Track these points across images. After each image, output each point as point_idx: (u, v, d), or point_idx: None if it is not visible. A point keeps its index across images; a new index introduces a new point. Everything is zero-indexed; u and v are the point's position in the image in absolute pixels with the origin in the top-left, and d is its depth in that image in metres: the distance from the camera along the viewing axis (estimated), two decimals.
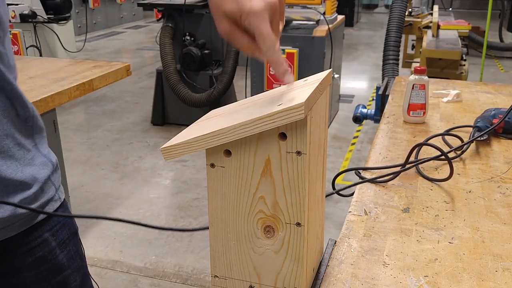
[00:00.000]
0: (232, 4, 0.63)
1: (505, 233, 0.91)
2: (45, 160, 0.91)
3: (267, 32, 0.63)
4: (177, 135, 0.71)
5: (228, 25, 0.65)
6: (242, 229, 0.69)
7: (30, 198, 0.86)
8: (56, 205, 0.93)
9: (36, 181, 0.87)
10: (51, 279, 0.93)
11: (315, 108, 0.67)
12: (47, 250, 0.91)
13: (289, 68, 0.65)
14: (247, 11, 0.62)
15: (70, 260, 0.96)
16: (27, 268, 0.89)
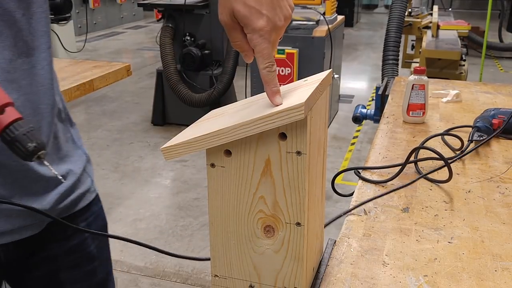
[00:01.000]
0: (243, 9, 0.63)
1: (504, 233, 0.92)
2: (80, 152, 0.95)
3: (268, 52, 0.64)
4: (177, 135, 0.71)
5: (230, 20, 0.65)
6: (242, 229, 0.69)
7: (68, 190, 0.89)
8: (92, 196, 0.97)
9: (73, 173, 0.91)
10: (82, 267, 0.97)
11: (315, 108, 0.67)
12: (81, 239, 0.96)
13: (280, 90, 0.66)
14: (253, 28, 0.63)
15: (100, 251, 1.01)
16: (62, 255, 0.93)
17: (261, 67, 0.65)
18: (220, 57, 4.35)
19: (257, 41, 0.64)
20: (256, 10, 0.62)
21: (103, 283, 1.03)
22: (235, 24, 0.65)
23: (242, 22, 0.64)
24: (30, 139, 0.67)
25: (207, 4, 4.25)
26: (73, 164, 0.91)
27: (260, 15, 0.63)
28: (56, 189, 0.87)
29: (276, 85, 0.66)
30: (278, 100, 0.64)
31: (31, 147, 0.67)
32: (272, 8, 0.63)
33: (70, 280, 0.96)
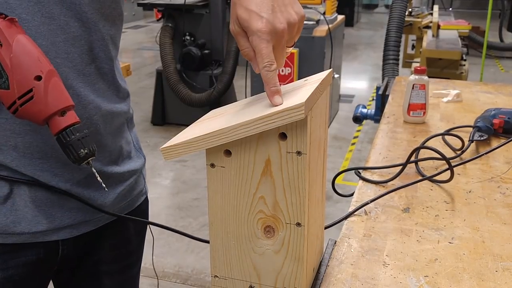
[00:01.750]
0: (244, 14, 0.66)
1: (505, 233, 0.91)
2: (139, 153, 0.99)
3: (266, 52, 0.65)
4: (177, 135, 0.71)
5: (238, 27, 0.68)
6: (242, 229, 0.69)
7: (127, 189, 0.94)
8: (143, 198, 1.02)
9: (133, 174, 0.95)
10: (122, 261, 1.02)
11: (315, 108, 0.67)
12: (126, 236, 1.01)
13: (280, 90, 0.66)
14: (253, 29, 0.65)
15: (138, 247, 1.06)
16: (106, 249, 0.98)
17: (260, 66, 0.66)
18: (220, 57, 4.35)
19: (256, 41, 0.65)
20: (256, 13, 0.65)
21: (135, 277, 1.08)
22: (242, 31, 0.67)
23: (243, 26, 0.66)
24: (83, 145, 0.70)
25: (207, 4, 4.25)
26: (133, 164, 0.95)
27: (259, 17, 0.65)
28: (117, 187, 0.91)
29: (276, 85, 0.66)
30: (278, 100, 0.64)
31: (83, 154, 0.70)
32: (272, 11, 0.65)
33: (109, 273, 1.00)
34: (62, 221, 0.85)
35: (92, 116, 0.82)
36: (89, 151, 0.70)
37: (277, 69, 0.67)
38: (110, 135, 0.88)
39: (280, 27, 0.66)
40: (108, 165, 0.88)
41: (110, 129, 0.87)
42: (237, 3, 0.67)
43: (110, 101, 0.86)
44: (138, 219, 0.97)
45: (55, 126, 0.69)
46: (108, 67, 0.84)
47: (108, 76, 0.85)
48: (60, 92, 0.70)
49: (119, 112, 0.89)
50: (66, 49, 0.76)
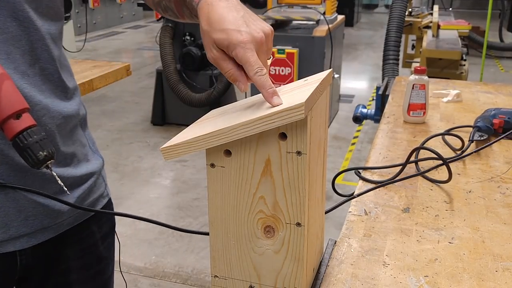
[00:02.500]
0: (222, 35, 0.69)
1: (505, 233, 0.91)
2: (96, 155, 0.97)
3: (254, 59, 0.67)
4: (177, 135, 0.71)
5: (216, 52, 0.70)
6: (242, 229, 0.69)
7: (85, 193, 0.91)
8: (105, 201, 1.00)
9: (90, 176, 0.93)
10: (91, 268, 0.99)
11: (315, 108, 0.67)
12: (92, 242, 0.98)
13: (276, 90, 0.66)
14: (235, 42, 0.67)
15: (108, 251, 1.03)
16: (73, 257, 0.95)
17: (251, 74, 0.67)
18: None
19: (241, 53, 0.67)
20: (233, 29, 0.68)
21: (108, 281, 1.06)
22: (222, 55, 0.70)
23: (224, 46, 0.69)
24: (42, 147, 0.68)
25: None
26: (91, 166, 0.93)
27: (238, 31, 0.68)
28: (75, 191, 0.89)
29: (271, 86, 0.66)
30: (277, 101, 0.64)
31: (42, 156, 0.68)
32: (246, 25, 0.69)
33: (80, 282, 0.98)
34: (18, 230, 0.81)
35: (41, 117, 0.79)
36: (48, 153, 0.68)
37: (267, 74, 0.68)
38: (63, 137, 0.85)
39: (259, 36, 0.69)
40: (63, 168, 0.85)
41: (63, 131, 0.84)
42: (209, 30, 0.70)
43: (59, 102, 0.83)
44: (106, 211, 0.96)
45: (10, 130, 0.67)
46: (52, 68, 0.81)
47: (54, 77, 0.82)
48: (14, 95, 0.68)
49: (70, 113, 0.85)
50: (7, 49, 0.74)
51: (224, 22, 0.69)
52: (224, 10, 0.71)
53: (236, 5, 0.73)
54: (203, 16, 0.73)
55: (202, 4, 0.74)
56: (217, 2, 0.72)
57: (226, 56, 0.70)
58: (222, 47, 0.69)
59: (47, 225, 0.85)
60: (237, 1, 0.74)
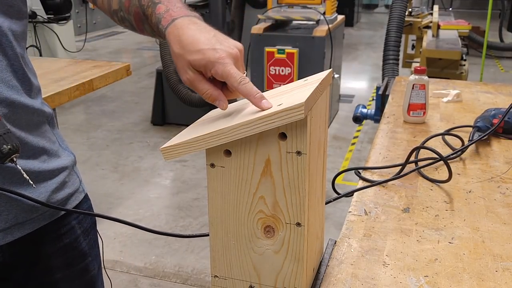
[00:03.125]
0: (197, 55, 0.70)
1: (505, 233, 0.91)
2: (67, 152, 0.96)
3: (235, 71, 0.69)
4: (177, 135, 0.71)
5: (193, 74, 0.71)
6: (242, 229, 0.69)
7: (58, 187, 0.90)
8: (81, 196, 0.98)
9: (62, 171, 0.92)
10: (75, 265, 0.98)
11: (315, 108, 0.67)
12: (73, 238, 0.96)
13: (263, 95, 0.68)
14: (213, 60, 0.69)
15: (91, 248, 1.01)
16: (55, 254, 0.94)
17: (235, 85, 0.69)
18: None
19: (221, 68, 0.69)
20: (208, 49, 0.70)
21: (95, 279, 1.04)
22: (198, 76, 0.71)
23: (202, 66, 0.70)
24: (6, 141, 0.67)
25: (207, 4, 4.25)
26: (62, 162, 0.92)
27: (214, 49, 0.70)
28: (46, 184, 0.87)
29: (258, 92, 0.67)
30: (267, 104, 0.65)
31: (6, 150, 0.67)
32: (220, 43, 0.71)
33: (65, 279, 0.97)
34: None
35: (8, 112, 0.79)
36: (13, 147, 0.68)
37: (250, 82, 0.70)
38: (31, 131, 0.84)
39: (233, 51, 0.71)
40: (33, 161, 0.85)
41: (30, 125, 0.84)
42: (183, 53, 0.71)
43: (25, 97, 0.83)
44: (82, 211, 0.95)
45: None
46: (17, 64, 0.81)
47: (19, 74, 0.82)
48: None
49: (36, 109, 0.85)
50: None
51: (198, 43, 0.70)
52: (196, 32, 0.72)
53: (205, 26, 0.75)
54: (173, 40, 0.74)
55: (171, 28, 0.75)
56: (187, 25, 0.74)
57: (202, 77, 0.72)
58: (199, 68, 0.71)
59: (22, 220, 0.84)
60: (205, 23, 0.76)
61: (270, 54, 3.89)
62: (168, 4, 0.79)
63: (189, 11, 0.78)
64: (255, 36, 3.99)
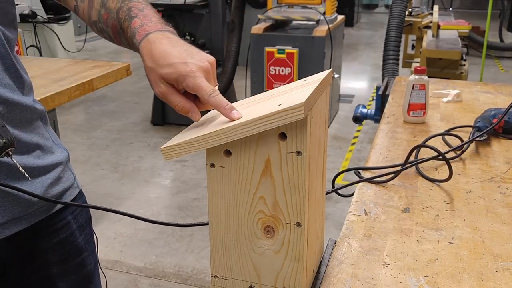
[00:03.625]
0: (169, 69, 0.72)
1: (505, 233, 0.91)
2: (61, 148, 0.97)
3: (205, 84, 0.71)
4: (177, 135, 0.71)
5: (165, 87, 0.73)
6: (242, 229, 0.69)
7: (53, 182, 0.91)
8: (76, 192, 0.99)
9: (56, 166, 0.92)
10: (71, 260, 0.98)
11: (315, 108, 0.67)
12: (69, 232, 0.97)
13: (233, 106, 0.69)
14: (183, 74, 0.71)
15: (87, 243, 1.02)
16: (51, 249, 0.94)
17: (205, 98, 0.70)
18: (220, 57, 4.35)
19: (192, 81, 0.71)
20: (180, 62, 0.72)
21: (92, 274, 1.05)
22: (170, 89, 0.74)
23: (173, 79, 0.72)
24: (1, 135, 0.68)
25: (207, 4, 4.25)
26: (56, 157, 0.93)
27: (185, 63, 0.72)
28: (42, 179, 0.88)
29: (227, 103, 0.69)
30: (237, 115, 0.67)
31: (1, 143, 0.68)
32: (191, 57, 0.73)
33: (61, 274, 0.97)
34: None
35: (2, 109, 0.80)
36: (8, 140, 0.68)
37: (220, 94, 0.71)
38: (24, 127, 0.85)
39: (204, 64, 0.73)
40: (27, 157, 0.86)
41: (23, 122, 0.85)
42: (155, 66, 0.73)
43: (18, 95, 0.84)
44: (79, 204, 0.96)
45: None
46: (9, 62, 0.83)
47: (11, 71, 0.83)
48: None
49: (28, 106, 0.86)
50: None
51: (169, 57, 0.73)
52: (167, 46, 0.74)
53: (178, 40, 0.77)
54: (146, 54, 0.76)
55: (144, 43, 0.77)
56: (159, 40, 0.76)
57: (175, 90, 0.74)
58: (171, 81, 0.73)
59: (19, 215, 0.85)
60: (177, 37, 0.78)
61: (270, 54, 3.89)
62: (143, 18, 0.81)
63: (163, 26, 0.80)
64: (255, 36, 3.99)
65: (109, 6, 0.86)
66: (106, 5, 0.87)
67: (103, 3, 0.88)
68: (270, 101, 0.68)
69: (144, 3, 0.86)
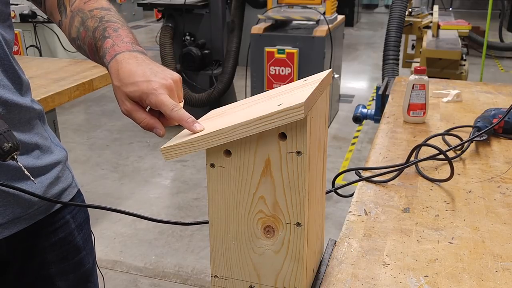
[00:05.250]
0: (133, 87, 0.75)
1: (505, 233, 0.91)
2: (59, 148, 0.97)
3: (167, 99, 0.73)
4: (177, 135, 0.71)
5: (130, 104, 0.76)
6: (242, 229, 0.69)
7: (53, 181, 0.92)
8: (74, 191, 1.00)
9: (55, 166, 0.93)
10: (70, 259, 0.99)
11: (315, 108, 0.67)
12: (68, 232, 0.98)
13: (195, 119, 0.71)
14: (146, 91, 0.74)
15: (85, 242, 1.03)
16: (50, 248, 0.95)
17: (168, 113, 0.73)
18: (220, 57, 4.34)
19: (154, 98, 0.73)
20: (143, 81, 0.75)
21: (90, 272, 1.06)
22: (135, 106, 0.76)
23: (137, 97, 0.75)
24: (6, 139, 0.69)
25: (207, 4, 4.25)
26: (55, 157, 0.94)
27: (148, 81, 0.75)
28: (41, 179, 0.89)
29: (190, 117, 0.72)
30: (199, 127, 0.69)
31: (7, 147, 0.69)
32: (154, 75, 0.76)
33: (59, 273, 0.98)
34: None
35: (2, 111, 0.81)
36: (13, 144, 0.69)
37: (182, 109, 0.74)
38: (23, 128, 0.86)
39: (167, 82, 0.76)
40: (26, 157, 0.87)
41: (22, 122, 0.86)
42: (121, 85, 0.76)
43: (17, 96, 0.85)
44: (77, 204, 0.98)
45: None
46: (8, 63, 0.84)
47: (9, 73, 0.84)
48: None
49: (27, 106, 0.87)
50: None
51: (134, 76, 0.76)
52: (133, 66, 0.77)
53: (144, 60, 0.80)
54: (113, 73, 0.79)
55: (113, 63, 0.80)
56: (126, 60, 0.79)
57: (139, 107, 0.76)
58: (135, 99, 0.75)
59: (19, 215, 0.86)
60: (145, 57, 0.81)
61: (270, 54, 3.89)
62: (116, 39, 0.84)
63: (133, 46, 0.83)
64: (255, 36, 3.99)
65: (87, 25, 0.89)
66: (85, 23, 0.90)
67: (83, 21, 0.90)
68: (270, 101, 0.68)
69: (120, 23, 0.89)
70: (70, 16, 0.93)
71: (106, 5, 0.92)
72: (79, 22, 0.91)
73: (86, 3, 0.92)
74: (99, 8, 0.91)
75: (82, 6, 0.92)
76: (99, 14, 0.89)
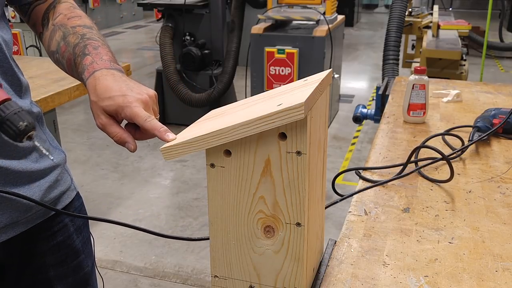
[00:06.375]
0: (109, 101, 0.78)
1: (505, 233, 0.91)
2: (58, 150, 0.97)
3: (141, 111, 0.76)
4: (177, 135, 0.71)
5: (105, 118, 0.78)
6: (242, 229, 0.69)
7: (52, 184, 0.92)
8: (73, 194, 1.00)
9: (53, 169, 0.93)
10: (69, 263, 0.99)
11: (315, 108, 0.67)
12: (67, 235, 0.98)
13: (167, 129, 0.73)
14: (122, 105, 0.76)
15: (84, 245, 1.03)
16: (48, 252, 0.95)
17: (141, 123, 0.75)
18: (220, 57, 4.34)
19: (129, 111, 0.75)
20: (119, 95, 0.77)
21: (89, 276, 1.05)
22: (110, 121, 0.78)
23: (113, 111, 0.77)
24: (22, 118, 0.68)
25: (207, 4, 4.25)
26: (53, 160, 0.94)
27: (123, 96, 0.77)
28: (40, 182, 0.89)
29: (162, 126, 0.74)
30: (171, 136, 0.71)
31: (22, 126, 0.68)
32: (130, 90, 0.79)
33: (58, 277, 0.97)
34: None
35: None
36: (29, 123, 0.68)
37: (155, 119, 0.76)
38: None
39: (142, 97, 0.78)
40: (25, 162, 0.86)
41: None
42: (97, 100, 0.78)
43: (16, 98, 0.86)
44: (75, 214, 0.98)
45: None
46: (7, 66, 0.84)
47: (8, 75, 0.84)
48: None
49: (26, 108, 0.87)
50: None
51: (110, 91, 0.78)
52: (109, 82, 0.80)
53: (121, 76, 0.82)
54: (91, 89, 0.81)
55: (91, 79, 0.82)
56: (104, 76, 0.81)
57: (114, 122, 0.78)
58: (111, 113, 0.78)
59: (17, 219, 0.86)
60: (122, 74, 0.83)
61: (270, 54, 3.89)
62: (95, 56, 0.86)
63: (111, 64, 0.85)
64: (255, 36, 3.99)
65: (68, 40, 0.91)
66: (66, 38, 0.91)
67: (64, 36, 0.91)
68: (270, 101, 0.68)
69: (100, 42, 0.90)
70: (51, 30, 0.94)
71: (89, 24, 0.95)
72: (61, 36, 0.92)
73: (69, 19, 0.94)
74: (82, 25, 0.93)
75: (66, 21, 0.94)
76: (81, 31, 0.91)
